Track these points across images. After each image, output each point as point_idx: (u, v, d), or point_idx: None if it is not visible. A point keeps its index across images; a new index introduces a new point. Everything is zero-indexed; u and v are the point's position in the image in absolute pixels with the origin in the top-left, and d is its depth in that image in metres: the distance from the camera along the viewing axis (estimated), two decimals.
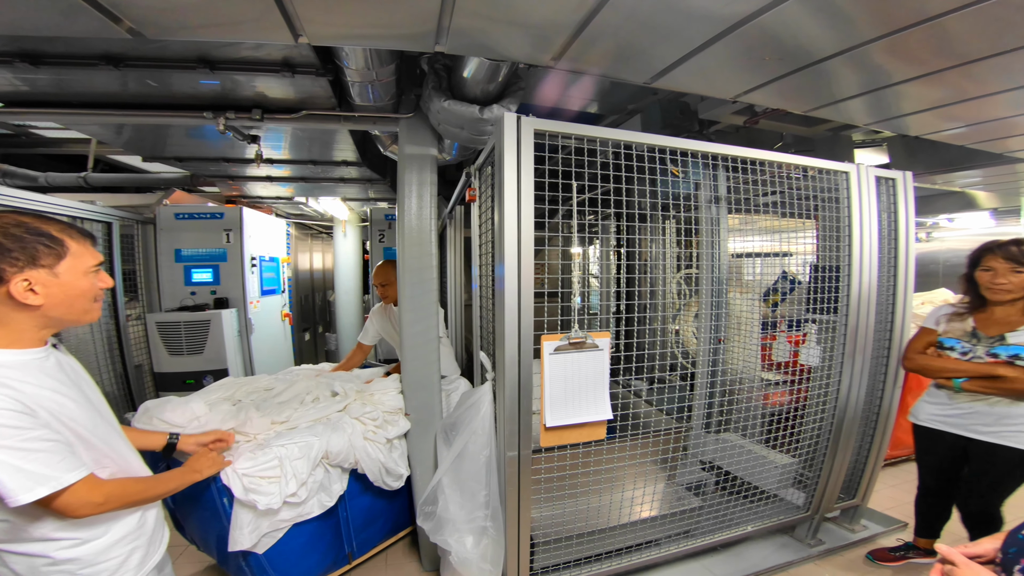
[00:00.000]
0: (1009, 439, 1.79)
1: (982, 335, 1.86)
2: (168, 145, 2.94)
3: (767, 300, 2.74)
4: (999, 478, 1.85)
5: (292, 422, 2.04)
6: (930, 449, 2.08)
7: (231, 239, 3.34)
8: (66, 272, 1.01)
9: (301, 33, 1.40)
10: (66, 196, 3.28)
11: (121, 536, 1.10)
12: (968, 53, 1.44)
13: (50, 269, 0.99)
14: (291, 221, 5.00)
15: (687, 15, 1.25)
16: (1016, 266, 1.78)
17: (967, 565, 0.87)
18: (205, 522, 1.93)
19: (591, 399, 1.75)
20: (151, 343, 3.04)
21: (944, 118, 2.00)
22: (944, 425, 1.98)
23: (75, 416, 1.01)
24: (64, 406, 0.99)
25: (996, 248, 1.83)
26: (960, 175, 3.14)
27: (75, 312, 1.06)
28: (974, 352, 1.86)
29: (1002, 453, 1.81)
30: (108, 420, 1.14)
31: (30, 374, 0.97)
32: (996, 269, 1.81)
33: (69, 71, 1.79)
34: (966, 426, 1.91)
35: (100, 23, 1.30)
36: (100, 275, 1.10)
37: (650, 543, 2.05)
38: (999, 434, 1.82)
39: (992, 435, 1.84)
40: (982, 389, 1.83)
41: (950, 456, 1.99)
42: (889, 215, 2.24)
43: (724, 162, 1.91)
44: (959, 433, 1.93)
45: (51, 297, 1.00)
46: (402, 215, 2.16)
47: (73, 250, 1.03)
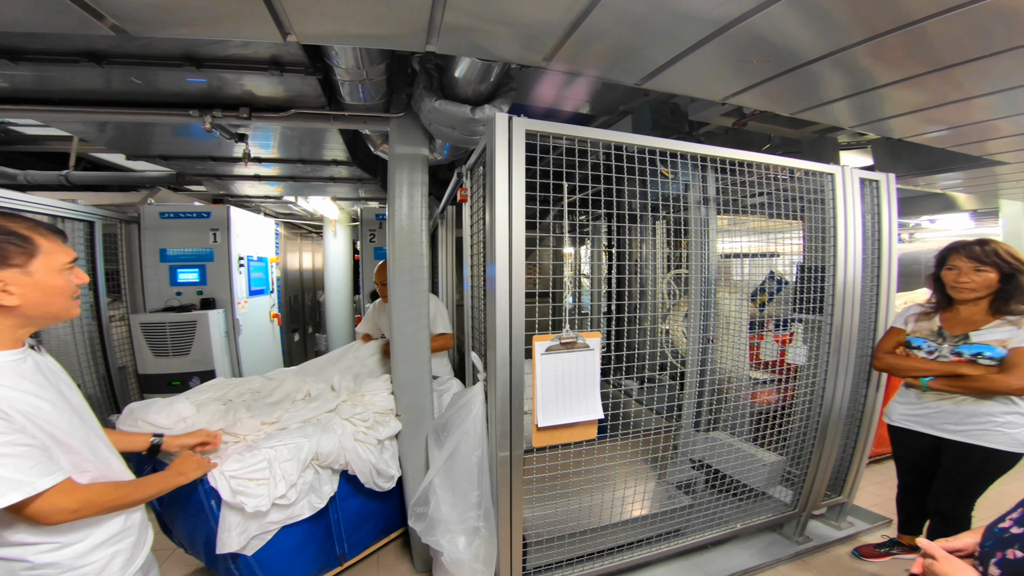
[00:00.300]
0: (977, 438, 1.81)
1: (947, 334, 1.89)
2: (153, 143, 2.88)
3: (755, 300, 2.77)
4: (968, 478, 1.86)
5: (283, 422, 2.01)
6: (904, 448, 2.10)
7: (218, 239, 3.29)
8: (40, 270, 1.00)
9: (290, 32, 1.39)
10: (47, 194, 3.21)
11: (103, 539, 1.07)
12: (948, 58, 1.48)
13: (22, 268, 0.98)
14: (280, 220, 4.95)
15: (677, 16, 1.26)
16: (979, 265, 1.81)
17: (946, 559, 0.89)
18: (192, 524, 1.90)
19: (582, 399, 1.76)
20: (135, 344, 2.99)
21: (926, 121, 2.05)
22: (915, 424, 2.00)
23: (52, 419, 0.99)
24: (41, 409, 0.97)
25: (960, 248, 1.87)
26: (941, 177, 3.21)
27: (53, 310, 1.05)
28: (939, 351, 1.89)
29: (971, 452, 1.82)
30: (89, 423, 1.12)
31: (5, 376, 0.95)
32: (960, 268, 1.85)
33: (50, 67, 1.75)
34: (935, 425, 1.93)
35: (82, 20, 1.28)
36: (75, 271, 1.09)
37: (641, 542, 2.07)
38: (967, 432, 1.84)
39: (960, 434, 1.86)
40: (946, 388, 1.86)
41: (924, 455, 2.00)
42: (873, 216, 2.29)
43: (713, 163, 1.94)
44: (929, 432, 1.95)
45: (27, 297, 0.98)
46: (393, 215, 2.15)
47: (44, 248, 1.01)
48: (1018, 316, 1.76)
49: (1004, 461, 1.80)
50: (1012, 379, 1.70)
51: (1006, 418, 1.78)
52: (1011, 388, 1.71)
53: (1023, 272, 1.78)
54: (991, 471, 1.83)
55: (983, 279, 1.81)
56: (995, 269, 1.79)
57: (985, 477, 1.84)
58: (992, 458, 1.80)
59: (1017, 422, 1.77)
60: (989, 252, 1.81)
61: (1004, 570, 0.83)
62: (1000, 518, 0.92)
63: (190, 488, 1.69)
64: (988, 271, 1.80)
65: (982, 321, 1.82)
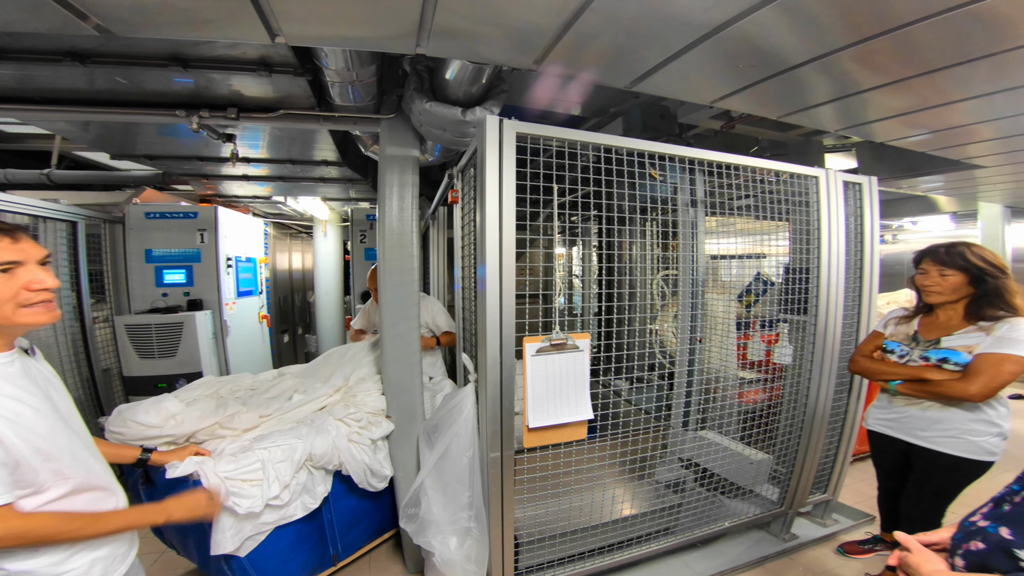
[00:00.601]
0: (943, 445, 1.79)
1: (921, 339, 1.86)
2: (138, 143, 2.84)
3: (742, 300, 2.81)
4: (936, 486, 1.83)
5: (278, 415, 2.02)
6: (879, 453, 2.08)
7: (205, 239, 3.25)
8: None
9: (278, 33, 1.38)
10: (28, 193, 3.14)
11: (82, 547, 1.03)
12: (930, 63, 1.51)
13: None
14: (269, 221, 4.89)
15: (666, 20, 1.28)
16: (943, 268, 1.79)
17: (919, 551, 0.94)
18: (184, 526, 1.88)
19: (572, 399, 1.77)
20: (120, 346, 2.93)
21: (908, 125, 2.09)
22: (887, 429, 1.98)
23: (32, 426, 0.95)
24: (20, 415, 0.94)
25: (929, 252, 1.86)
26: (923, 180, 3.29)
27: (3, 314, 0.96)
28: (910, 355, 1.86)
29: (938, 459, 1.80)
30: (76, 431, 1.08)
31: None
32: (928, 271, 1.83)
33: (33, 67, 1.72)
34: (905, 430, 1.91)
35: (65, 19, 1.26)
36: (14, 274, 0.96)
37: (632, 541, 2.09)
38: (933, 439, 1.81)
39: (927, 440, 1.83)
40: (912, 392, 1.83)
41: (897, 460, 1.99)
42: (856, 218, 2.33)
43: (702, 166, 1.96)
44: (900, 437, 1.93)
45: None
46: (383, 217, 2.15)
47: None
48: (992, 321, 1.71)
49: (971, 469, 1.76)
50: (969, 385, 1.66)
51: (970, 425, 1.75)
52: (967, 394, 1.66)
53: (992, 276, 1.73)
54: (958, 479, 1.80)
55: (949, 283, 1.78)
56: (961, 272, 1.76)
57: (954, 485, 1.81)
58: (959, 466, 1.77)
59: (981, 430, 1.74)
60: (954, 255, 1.78)
61: (967, 560, 0.88)
62: (972, 513, 0.97)
63: (180, 487, 1.67)
64: (952, 274, 1.78)
65: (957, 326, 1.79)
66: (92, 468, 1.08)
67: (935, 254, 1.83)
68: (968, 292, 1.77)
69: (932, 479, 1.84)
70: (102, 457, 1.15)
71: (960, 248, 1.80)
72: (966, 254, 1.77)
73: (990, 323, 1.71)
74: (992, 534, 0.86)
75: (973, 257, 1.76)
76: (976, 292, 1.76)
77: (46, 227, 2.70)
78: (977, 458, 1.74)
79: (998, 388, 1.66)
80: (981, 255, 1.76)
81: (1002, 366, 1.63)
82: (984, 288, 1.74)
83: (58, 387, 1.09)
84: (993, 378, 1.64)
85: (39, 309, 1.00)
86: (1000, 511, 0.90)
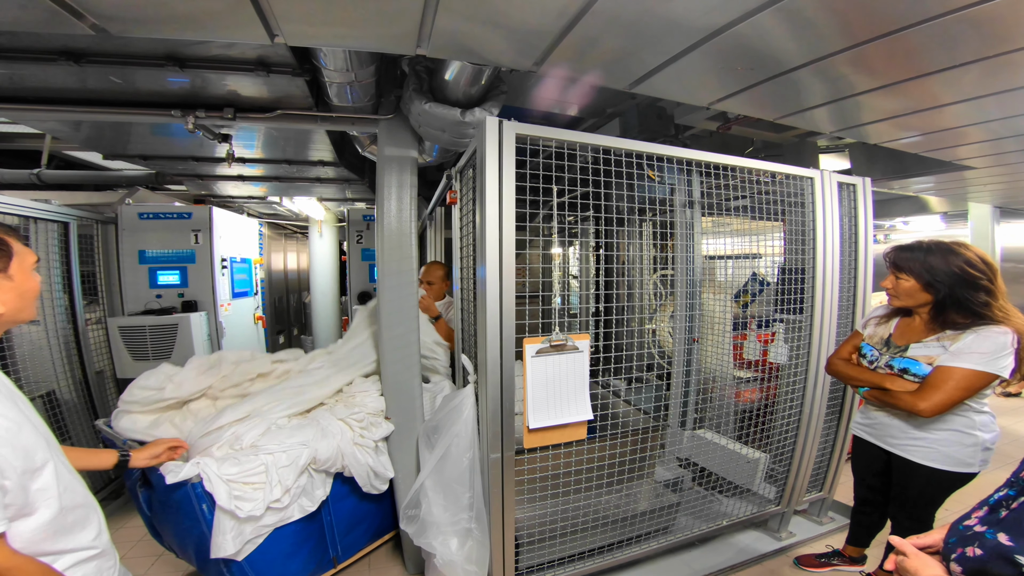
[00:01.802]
0: (915, 454, 1.71)
1: (892, 344, 1.77)
2: (131, 143, 2.81)
3: (738, 300, 2.84)
4: (916, 495, 1.75)
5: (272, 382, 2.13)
6: (858, 459, 2.00)
7: (200, 240, 3.22)
8: (17, 273, 0.98)
9: (277, 33, 1.37)
10: (17, 193, 3.09)
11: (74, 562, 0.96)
12: (922, 66, 1.53)
13: (4, 273, 0.96)
14: (264, 221, 4.86)
15: (666, 23, 1.29)
16: (897, 271, 1.70)
17: (916, 555, 0.92)
18: (183, 528, 1.87)
19: (572, 400, 1.77)
20: (113, 348, 2.90)
21: (900, 127, 2.12)
22: (866, 434, 1.91)
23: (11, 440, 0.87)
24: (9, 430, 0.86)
25: (887, 252, 1.77)
26: (914, 181, 3.33)
27: (26, 314, 1.02)
28: (878, 361, 1.78)
29: (914, 469, 1.72)
30: (50, 443, 0.98)
31: None
32: (889, 274, 1.75)
33: (25, 66, 1.70)
34: (880, 436, 1.84)
35: (60, 18, 1.24)
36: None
37: (631, 540, 2.10)
38: (906, 448, 1.74)
39: (900, 448, 1.75)
40: (874, 399, 1.78)
41: (874, 466, 1.90)
42: (850, 219, 2.36)
43: (699, 168, 1.98)
44: (877, 444, 1.85)
45: (9, 302, 0.96)
46: (381, 218, 2.14)
47: (16, 250, 0.99)
48: (957, 331, 1.59)
49: (948, 480, 1.67)
50: (918, 399, 1.58)
51: (939, 435, 1.66)
52: (916, 409, 1.58)
53: (947, 281, 1.59)
54: (937, 490, 1.72)
55: (902, 288, 1.69)
56: (911, 277, 1.66)
57: (934, 495, 1.73)
58: (934, 477, 1.68)
59: (952, 440, 1.64)
60: (906, 257, 1.68)
61: (964, 567, 0.85)
62: (965, 515, 0.94)
63: (181, 491, 1.68)
64: (904, 279, 1.68)
65: (924, 334, 1.68)
66: (71, 484, 1.00)
67: (891, 254, 1.74)
68: (926, 299, 1.66)
69: (910, 488, 1.76)
70: (74, 470, 1.05)
71: (921, 248, 1.67)
72: (922, 256, 1.64)
73: (957, 332, 1.59)
74: (989, 540, 0.83)
75: (932, 260, 1.62)
76: (935, 299, 1.64)
77: (37, 228, 2.66)
78: (953, 469, 1.65)
79: (949, 405, 1.56)
80: (945, 258, 1.60)
81: (952, 381, 1.54)
82: (940, 295, 1.61)
83: (22, 397, 1.00)
84: (944, 394, 1.54)
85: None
86: (996, 516, 0.88)
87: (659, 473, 2.33)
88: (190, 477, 1.66)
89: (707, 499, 2.28)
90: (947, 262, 1.60)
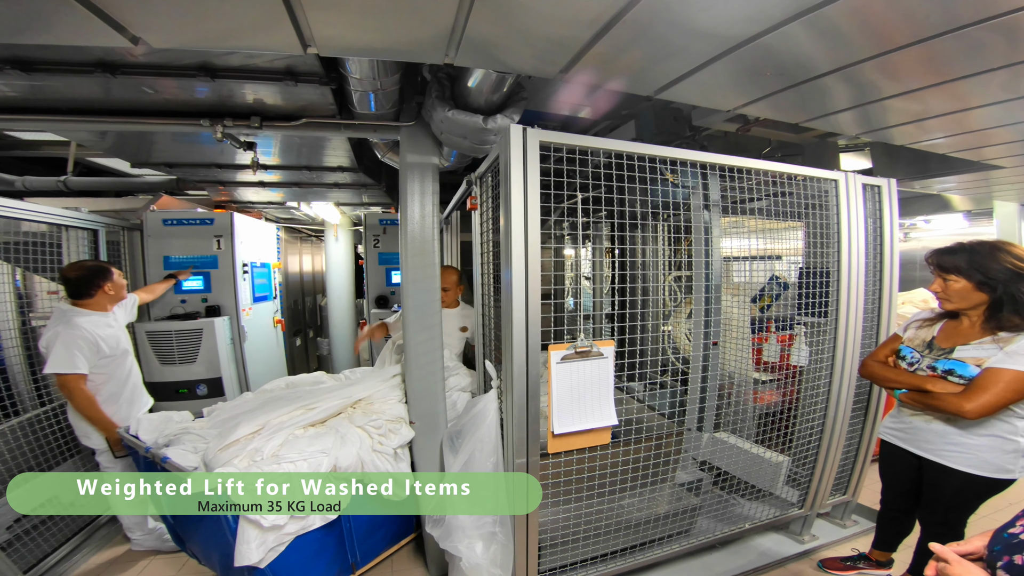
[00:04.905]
0: (952, 460, 1.66)
1: (936, 346, 1.73)
2: (154, 150, 2.86)
3: (757, 303, 2.82)
4: (950, 502, 1.71)
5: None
6: (888, 464, 1.97)
7: (222, 245, 3.28)
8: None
9: (311, 44, 1.40)
10: (44, 201, 3.17)
11: None
12: (952, 71, 1.52)
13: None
14: (281, 225, 4.93)
15: (695, 34, 1.29)
16: (945, 273, 1.66)
17: (959, 563, 0.91)
18: (207, 536, 1.91)
19: (597, 405, 1.78)
20: (142, 352, 2.97)
21: (926, 129, 2.10)
22: (896, 439, 1.87)
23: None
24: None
25: (930, 255, 1.73)
26: (937, 180, 3.28)
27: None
28: (919, 364, 1.74)
29: (949, 475, 1.68)
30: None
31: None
32: (935, 277, 1.71)
33: (58, 78, 1.74)
34: (913, 442, 1.80)
35: (105, 32, 1.28)
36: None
37: (653, 542, 2.10)
38: (941, 453, 1.70)
39: (935, 453, 1.71)
40: (913, 403, 1.73)
41: (905, 472, 1.86)
42: (875, 220, 2.34)
43: (722, 172, 1.97)
44: (910, 449, 1.81)
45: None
46: (404, 224, 2.16)
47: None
48: (1013, 332, 1.55)
49: (985, 487, 1.64)
50: (964, 401, 1.53)
51: (979, 440, 1.62)
52: (961, 410, 1.54)
53: (1003, 280, 1.55)
54: (971, 497, 1.68)
55: (953, 290, 1.65)
56: (962, 278, 1.61)
57: (969, 502, 1.70)
58: (970, 483, 1.64)
59: (992, 446, 1.61)
60: (954, 258, 1.63)
61: (1011, 574, 0.84)
62: (1010, 522, 0.93)
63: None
64: (954, 280, 1.64)
65: (975, 335, 1.64)
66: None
67: (933, 258, 1.71)
68: (981, 299, 1.61)
69: (943, 494, 1.72)
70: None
71: (964, 249, 1.63)
72: (967, 256, 1.61)
73: (1011, 334, 1.55)
74: None
75: (980, 259, 1.58)
76: (991, 299, 1.59)
77: (68, 235, 2.73)
78: (991, 475, 1.62)
79: (998, 407, 1.52)
80: (993, 256, 1.58)
81: (1003, 384, 1.49)
82: (996, 293, 1.57)
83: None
84: (993, 395, 1.50)
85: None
86: None
87: (679, 476, 2.33)
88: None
89: (727, 502, 2.28)
90: (997, 259, 1.57)
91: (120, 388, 2.37)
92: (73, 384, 2.15)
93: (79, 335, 2.18)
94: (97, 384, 2.26)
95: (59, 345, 2.13)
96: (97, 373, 2.25)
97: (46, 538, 2.22)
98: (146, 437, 2.08)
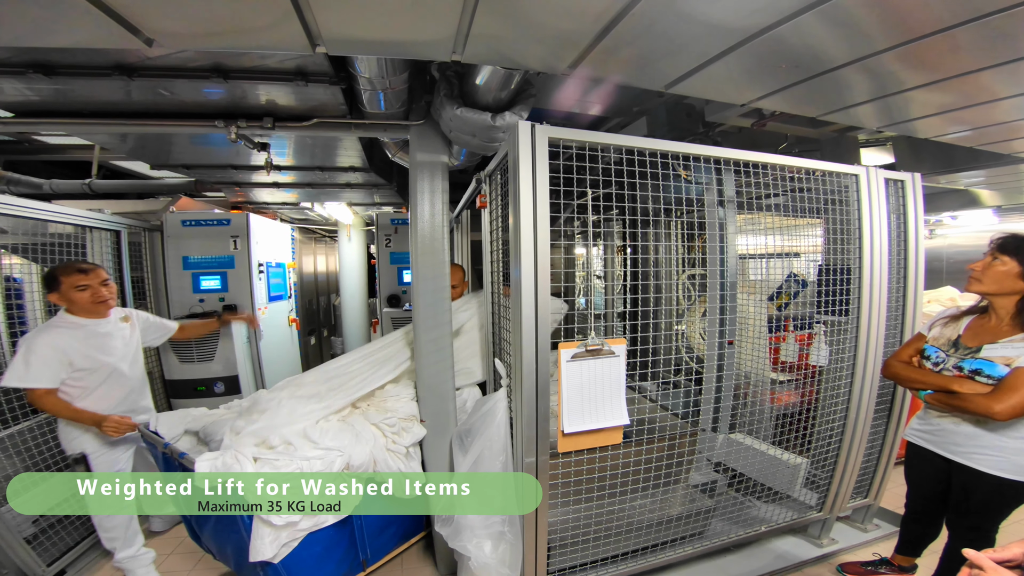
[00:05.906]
0: (982, 462, 1.60)
1: (962, 345, 1.67)
2: (173, 152, 2.93)
3: (775, 301, 2.75)
4: (981, 507, 1.65)
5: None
6: (914, 468, 1.91)
7: (238, 246, 3.34)
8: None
9: (319, 42, 1.41)
10: (70, 203, 3.27)
11: None
12: (977, 61, 1.46)
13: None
14: (295, 226, 5.01)
15: (705, 27, 1.26)
16: (999, 253, 1.59)
17: (996, 570, 0.86)
18: (222, 532, 1.94)
19: (608, 405, 1.76)
20: (161, 351, 3.04)
21: (951, 122, 2.02)
22: (924, 441, 1.81)
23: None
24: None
25: (998, 237, 1.66)
26: (964, 175, 3.16)
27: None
28: (945, 363, 1.68)
29: (980, 479, 1.62)
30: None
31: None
32: (985, 257, 1.64)
33: (82, 81, 1.79)
34: (941, 444, 1.74)
35: (120, 34, 1.30)
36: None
37: (666, 544, 2.07)
38: (972, 456, 1.63)
39: (964, 456, 1.65)
40: (938, 403, 1.67)
41: (933, 476, 1.80)
42: (898, 216, 2.26)
43: (737, 166, 1.93)
44: (938, 451, 1.75)
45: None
46: (415, 223, 2.17)
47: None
48: None
49: (1018, 491, 1.58)
50: (992, 402, 1.47)
51: (1012, 443, 1.55)
52: (990, 412, 1.48)
53: None
54: (1003, 502, 1.62)
55: (994, 271, 1.57)
56: (1015, 261, 1.54)
57: (1001, 506, 1.64)
58: (1002, 488, 1.58)
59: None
60: (1012, 242, 1.55)
61: None
62: None
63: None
64: (1003, 262, 1.56)
65: (1005, 333, 1.57)
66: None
67: (1000, 236, 1.63)
68: (1015, 288, 1.55)
69: (973, 499, 1.66)
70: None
71: None
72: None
73: None
74: None
75: None
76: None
77: (92, 236, 2.81)
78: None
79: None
80: None
81: None
82: None
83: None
84: (1023, 396, 1.44)
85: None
86: None
87: (693, 477, 2.28)
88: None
89: (743, 504, 2.23)
90: None
91: (98, 406, 2.03)
92: (35, 398, 1.93)
93: (48, 342, 1.94)
94: (72, 398, 2.00)
95: (19, 354, 1.91)
96: (71, 386, 1.99)
97: (69, 532, 2.28)
98: (165, 432, 2.13)
